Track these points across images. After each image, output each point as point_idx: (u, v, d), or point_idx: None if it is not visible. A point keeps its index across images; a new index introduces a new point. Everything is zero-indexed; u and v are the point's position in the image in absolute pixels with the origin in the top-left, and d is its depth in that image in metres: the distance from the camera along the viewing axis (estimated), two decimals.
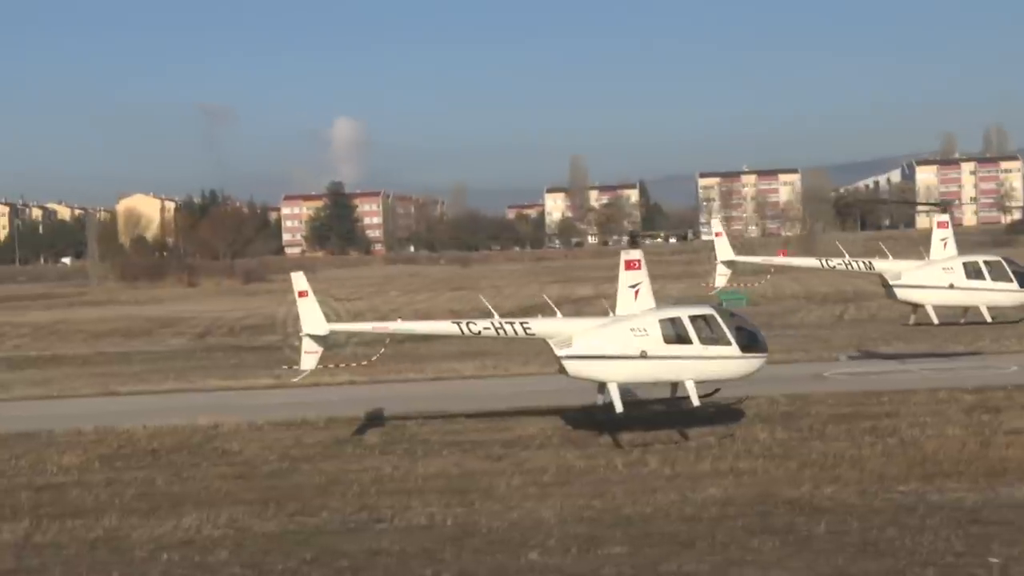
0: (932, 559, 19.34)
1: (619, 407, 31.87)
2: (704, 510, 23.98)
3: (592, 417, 33.98)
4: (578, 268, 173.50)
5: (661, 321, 32.21)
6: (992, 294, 44.89)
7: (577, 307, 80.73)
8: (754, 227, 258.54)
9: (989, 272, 44.85)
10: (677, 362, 32.04)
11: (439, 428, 35.48)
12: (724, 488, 25.73)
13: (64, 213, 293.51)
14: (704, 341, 32.00)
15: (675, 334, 32.05)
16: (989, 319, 45.35)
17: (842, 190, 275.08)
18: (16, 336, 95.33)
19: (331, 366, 36.65)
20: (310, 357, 33.55)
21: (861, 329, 65.57)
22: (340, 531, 23.95)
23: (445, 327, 37.50)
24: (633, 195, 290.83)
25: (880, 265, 47.46)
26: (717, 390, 33.96)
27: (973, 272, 44.98)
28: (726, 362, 32.20)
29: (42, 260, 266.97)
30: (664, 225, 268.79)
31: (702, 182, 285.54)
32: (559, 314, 35.44)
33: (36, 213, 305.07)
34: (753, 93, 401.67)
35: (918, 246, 49.54)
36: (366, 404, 40.03)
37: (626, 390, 32.85)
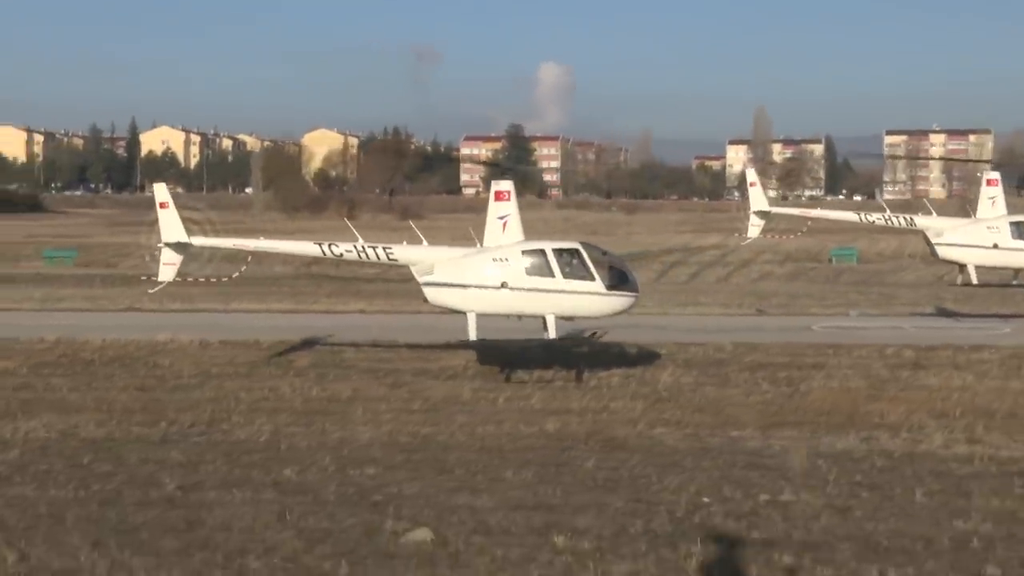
0: (649, 496, 19.14)
1: (473, 335, 31.76)
2: (513, 442, 24.00)
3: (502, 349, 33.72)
4: (741, 219, 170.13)
5: (524, 253, 31.70)
6: None
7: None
8: (941, 187, 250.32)
9: None
10: (537, 295, 31.42)
11: (372, 355, 35.71)
12: (563, 424, 25.72)
13: (254, 145, 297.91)
14: (567, 276, 31.31)
15: (537, 267, 31.45)
16: None
17: None
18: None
19: (190, 279, 37.05)
20: (168, 268, 34.53)
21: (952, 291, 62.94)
22: (153, 441, 23.94)
23: (307, 247, 36.91)
24: (818, 149, 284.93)
25: (922, 222, 46.97)
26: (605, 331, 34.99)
27: (1019, 233, 43.32)
28: (589, 298, 31.57)
29: (229, 189, 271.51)
30: (855, 186, 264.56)
31: (888, 139, 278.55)
32: (425, 242, 34.43)
33: (226, 144, 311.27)
34: (945, 53, 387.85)
35: None
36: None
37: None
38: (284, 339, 37.87)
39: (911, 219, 47.72)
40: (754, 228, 48.70)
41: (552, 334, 31.68)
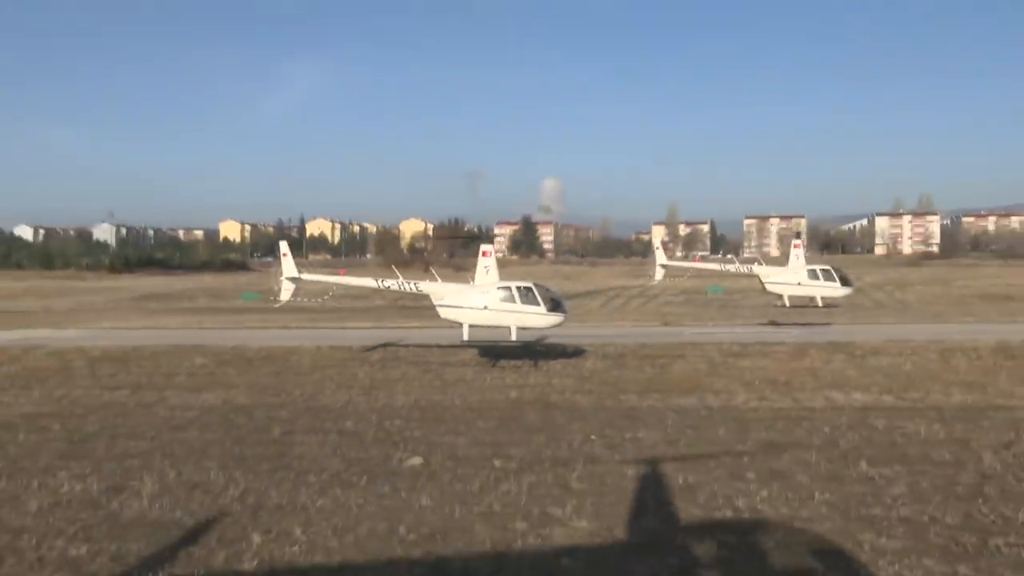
0: (559, 436, 18.78)
1: (465, 337, 31.82)
2: (488, 404, 23.42)
3: (494, 348, 33.03)
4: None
5: (498, 288, 31.64)
6: (822, 289, 43.63)
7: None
8: (778, 249, 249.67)
9: (823, 275, 43.85)
10: (505, 314, 31.33)
11: (417, 353, 34.93)
12: (521, 393, 25.07)
13: (371, 228, 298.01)
14: (523, 302, 31.27)
15: (506, 297, 31.44)
16: (821, 304, 44.11)
17: (832, 232, 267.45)
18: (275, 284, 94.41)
19: (301, 299, 37.20)
20: (286, 293, 35.07)
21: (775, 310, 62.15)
22: (274, 405, 23.42)
23: (368, 282, 36.45)
24: (706, 228, 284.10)
25: (757, 270, 46.85)
26: (545, 338, 33.26)
27: (812, 275, 43.96)
28: (536, 317, 31.33)
29: (357, 256, 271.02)
30: (728, 249, 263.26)
31: (746, 221, 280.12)
32: (439, 280, 34.02)
33: (356, 228, 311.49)
34: (775, 166, 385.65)
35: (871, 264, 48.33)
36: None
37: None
38: (367, 344, 37.42)
39: (750, 268, 47.75)
40: (659, 273, 48.35)
41: (514, 338, 31.51)
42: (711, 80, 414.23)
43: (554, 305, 31.55)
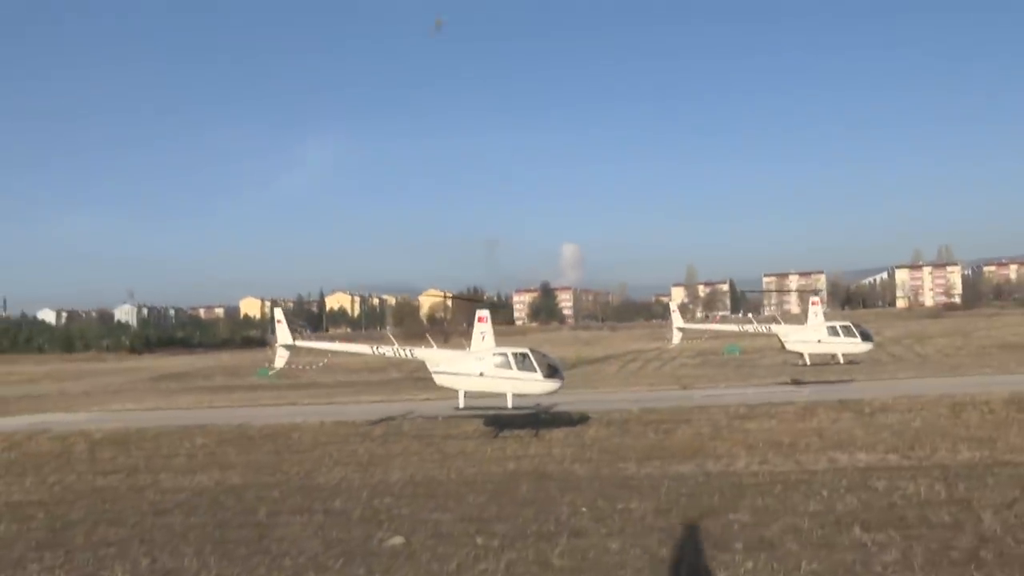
0: (549, 509, 18.28)
1: (461, 404, 31.35)
2: (483, 477, 23.00)
3: (498, 418, 32.60)
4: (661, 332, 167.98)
5: (494, 354, 31.19)
6: (843, 346, 43.30)
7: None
8: (798, 307, 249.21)
9: (843, 331, 43.40)
10: (501, 380, 30.83)
11: (422, 426, 34.52)
12: (518, 464, 24.62)
13: (390, 300, 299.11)
14: (519, 368, 30.78)
15: (502, 363, 30.95)
16: (842, 361, 44.23)
17: (852, 287, 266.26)
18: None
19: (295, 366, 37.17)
20: (281, 360, 35.02)
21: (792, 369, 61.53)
22: (267, 485, 23.03)
23: (364, 348, 36.74)
24: (725, 287, 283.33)
25: (776, 328, 46.63)
26: (538, 405, 33.51)
27: (832, 332, 44.08)
28: (533, 383, 30.85)
29: (377, 328, 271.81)
30: (748, 308, 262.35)
31: (765, 279, 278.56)
32: (435, 346, 34.16)
33: (375, 301, 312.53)
34: (797, 224, 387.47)
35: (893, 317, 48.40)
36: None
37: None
38: (371, 418, 36.92)
39: (769, 327, 47.49)
40: (676, 337, 48.68)
41: (510, 405, 31.00)
42: (723, 138, 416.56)
43: (551, 371, 31.10)
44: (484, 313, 32.51)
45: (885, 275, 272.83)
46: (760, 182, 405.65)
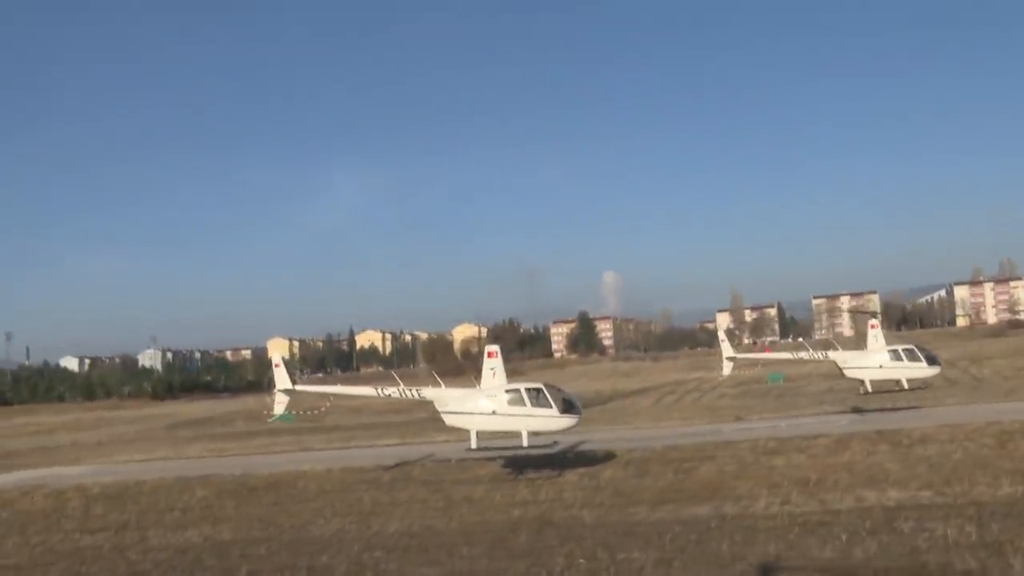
0: (544, 561, 17.80)
1: (474, 445, 31.01)
2: (484, 526, 22.79)
3: (517, 459, 31.86)
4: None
5: (506, 391, 30.86)
6: (907, 370, 42.02)
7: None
8: (850, 329, 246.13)
9: (907, 355, 42.89)
10: (514, 418, 30.46)
11: (432, 470, 33.94)
12: (524, 511, 24.31)
13: (423, 337, 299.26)
14: (534, 405, 30.37)
15: (515, 400, 30.58)
16: (907, 387, 42.97)
17: (908, 306, 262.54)
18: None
19: (294, 412, 36.87)
20: (280, 405, 33.96)
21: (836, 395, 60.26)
22: (256, 541, 22.82)
23: (368, 391, 36.38)
24: (772, 311, 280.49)
25: (833, 355, 45.66)
26: (556, 443, 32.76)
27: (895, 356, 42.94)
28: (548, 420, 30.51)
29: (410, 366, 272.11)
30: (798, 332, 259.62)
31: (815, 301, 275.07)
32: (443, 385, 33.21)
33: (407, 337, 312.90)
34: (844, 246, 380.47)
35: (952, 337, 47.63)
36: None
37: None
38: (386, 463, 36.33)
39: (825, 354, 46.55)
40: (727, 367, 47.39)
41: (525, 444, 30.52)
42: (765, 156, 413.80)
43: (567, 406, 30.73)
44: (494, 348, 32.26)
45: (943, 292, 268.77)
46: (806, 200, 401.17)
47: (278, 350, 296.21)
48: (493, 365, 31.61)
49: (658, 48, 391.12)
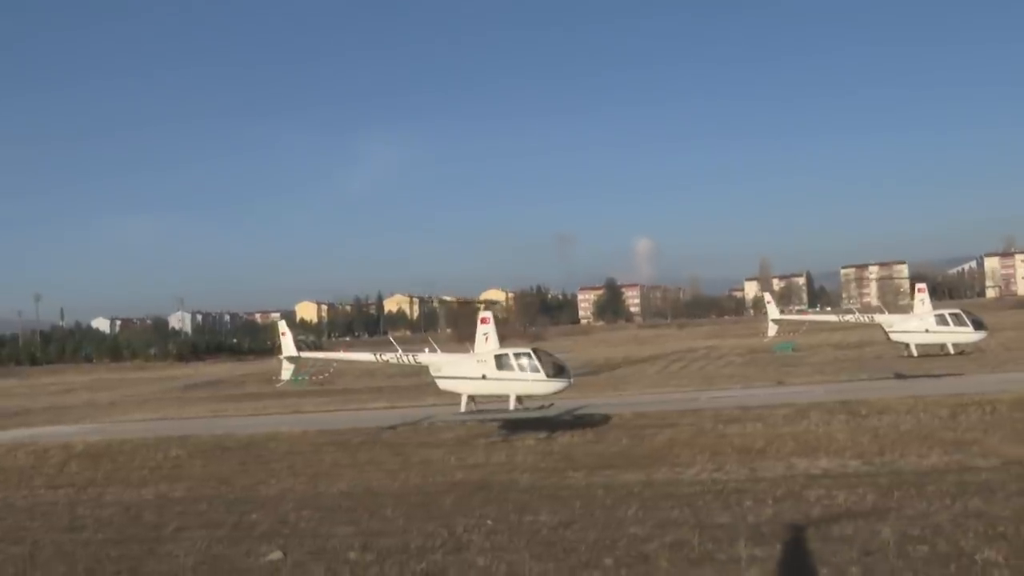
0: (454, 521, 18.21)
1: (464, 408, 31.82)
2: (422, 489, 23.20)
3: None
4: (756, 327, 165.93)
5: (496, 356, 31.46)
6: (953, 335, 42.42)
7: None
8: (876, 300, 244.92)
9: (953, 320, 42.70)
10: (504, 382, 31.22)
11: (403, 433, 34.43)
12: (467, 475, 24.76)
13: (451, 303, 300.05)
14: (522, 369, 30.99)
15: (504, 364, 31.25)
16: (953, 352, 42.78)
17: (939, 277, 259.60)
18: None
19: (303, 377, 37.55)
20: (287, 371, 36.07)
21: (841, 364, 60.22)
22: (201, 499, 23.50)
23: (367, 356, 37.28)
24: (801, 280, 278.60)
25: (880, 318, 46.23)
26: (551, 404, 32.92)
27: (941, 321, 42.66)
28: (536, 383, 31.07)
29: (436, 331, 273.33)
30: (827, 301, 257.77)
31: (843, 271, 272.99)
32: (438, 350, 34.54)
33: (435, 303, 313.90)
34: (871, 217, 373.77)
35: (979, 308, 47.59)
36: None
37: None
38: (358, 427, 36.88)
39: (872, 317, 47.43)
40: (772, 329, 47.93)
41: (511, 407, 31.35)
42: (796, 124, 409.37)
43: (557, 370, 31.36)
44: (487, 315, 33.21)
45: (974, 264, 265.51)
46: (836, 169, 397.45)
47: (307, 313, 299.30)
48: (486, 331, 32.38)
49: (698, 14, 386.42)
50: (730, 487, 19.85)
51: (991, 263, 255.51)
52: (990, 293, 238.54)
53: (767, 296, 55.11)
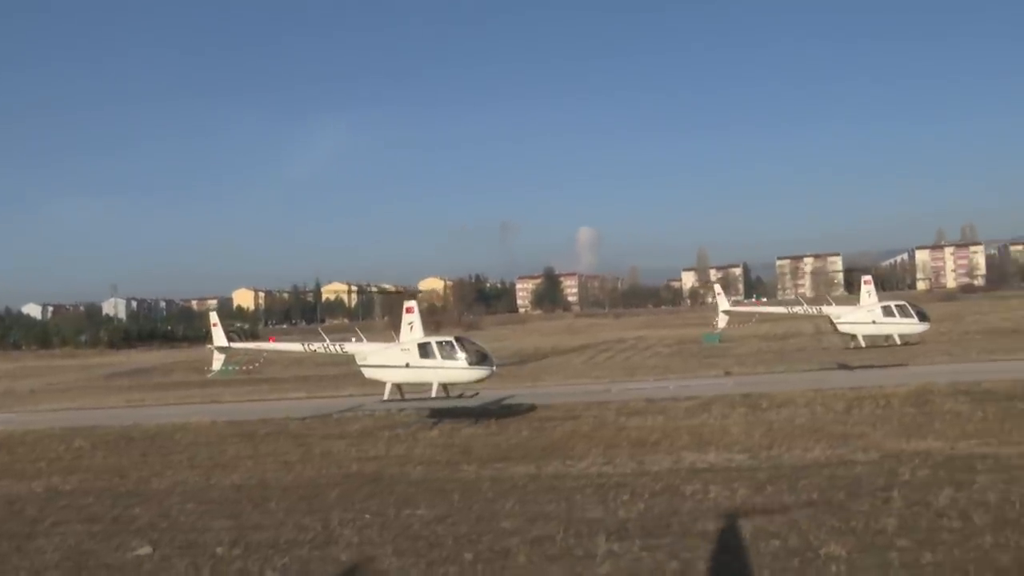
0: (331, 516, 18.15)
1: (386, 396, 32.29)
2: (314, 481, 22.88)
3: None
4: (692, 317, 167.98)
5: (419, 345, 31.80)
6: (899, 326, 43.40)
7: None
8: (811, 291, 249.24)
9: (899, 311, 43.71)
10: (426, 370, 31.57)
11: (312, 425, 34.30)
12: (362, 466, 24.63)
13: (390, 289, 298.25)
14: (444, 357, 31.37)
15: (427, 352, 31.59)
16: (899, 342, 43.65)
17: (871, 269, 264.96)
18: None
19: (233, 367, 37.30)
20: (217, 361, 36.57)
21: (763, 356, 60.91)
22: (82, 492, 23.11)
23: (296, 346, 37.76)
24: (738, 271, 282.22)
25: (827, 310, 46.69)
26: (476, 393, 33.23)
27: (887, 312, 43.70)
28: (458, 371, 31.45)
29: (375, 319, 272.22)
30: (763, 292, 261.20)
31: (779, 262, 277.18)
32: (364, 339, 34.97)
33: (373, 290, 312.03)
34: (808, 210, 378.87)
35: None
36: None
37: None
38: (268, 418, 36.69)
39: (819, 309, 47.60)
40: (722, 321, 48.49)
41: (434, 395, 31.73)
42: (735, 117, 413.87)
43: (480, 358, 31.62)
44: (412, 304, 33.22)
45: (906, 256, 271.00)
46: (773, 162, 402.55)
47: (244, 300, 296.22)
48: (411, 319, 32.62)
49: (634, 6, 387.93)
50: (613, 481, 20.00)
51: (922, 256, 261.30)
52: (921, 285, 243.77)
53: (717, 288, 56.03)
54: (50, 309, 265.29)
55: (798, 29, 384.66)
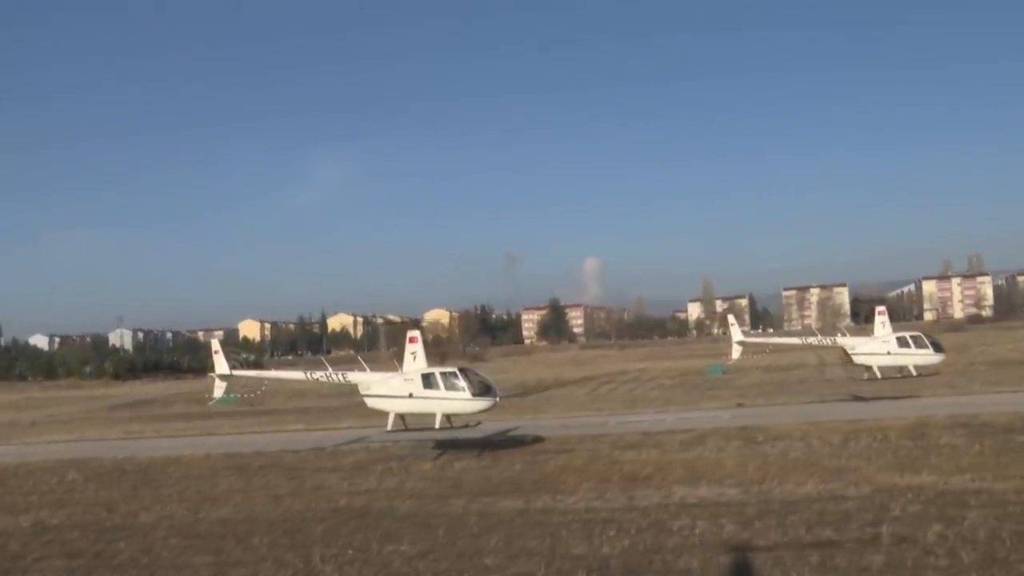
0: (314, 551, 17.97)
1: (390, 427, 32.18)
2: (302, 516, 22.80)
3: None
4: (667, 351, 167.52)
5: (422, 375, 31.70)
6: (914, 358, 43.13)
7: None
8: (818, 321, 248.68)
9: (914, 342, 43.44)
10: (430, 401, 31.35)
11: (305, 458, 34.05)
12: (351, 501, 24.48)
13: (395, 321, 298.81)
14: (448, 388, 31.19)
15: (430, 383, 31.45)
16: (915, 373, 43.40)
17: (879, 300, 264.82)
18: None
19: (235, 395, 37.59)
20: (219, 389, 36.08)
21: (766, 388, 60.51)
22: (69, 527, 22.89)
23: (298, 375, 37.70)
24: (744, 302, 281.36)
25: (842, 341, 46.52)
26: (478, 423, 33.25)
27: (902, 343, 43.48)
28: (462, 403, 31.28)
29: (380, 349, 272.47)
30: (769, 323, 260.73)
31: (785, 293, 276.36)
32: (367, 369, 34.82)
33: (379, 321, 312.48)
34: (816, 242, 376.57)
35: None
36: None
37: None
38: (264, 451, 36.50)
39: (834, 340, 47.31)
40: (736, 352, 47.07)
41: (437, 426, 31.56)
42: (741, 148, 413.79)
43: (483, 389, 31.46)
44: (415, 334, 33.43)
45: (912, 287, 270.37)
46: (780, 193, 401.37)
47: (250, 331, 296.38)
48: (414, 350, 32.70)
49: (636, 33, 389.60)
50: (601, 516, 19.78)
51: (928, 287, 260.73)
52: (928, 316, 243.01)
53: (731, 318, 55.40)
54: (57, 340, 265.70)
55: (800, 58, 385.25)
